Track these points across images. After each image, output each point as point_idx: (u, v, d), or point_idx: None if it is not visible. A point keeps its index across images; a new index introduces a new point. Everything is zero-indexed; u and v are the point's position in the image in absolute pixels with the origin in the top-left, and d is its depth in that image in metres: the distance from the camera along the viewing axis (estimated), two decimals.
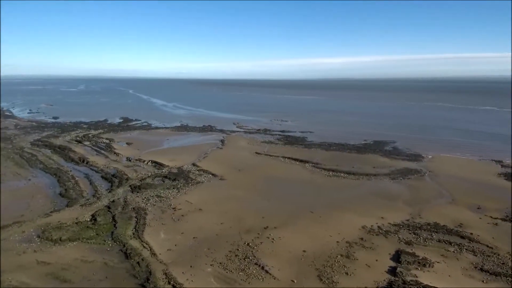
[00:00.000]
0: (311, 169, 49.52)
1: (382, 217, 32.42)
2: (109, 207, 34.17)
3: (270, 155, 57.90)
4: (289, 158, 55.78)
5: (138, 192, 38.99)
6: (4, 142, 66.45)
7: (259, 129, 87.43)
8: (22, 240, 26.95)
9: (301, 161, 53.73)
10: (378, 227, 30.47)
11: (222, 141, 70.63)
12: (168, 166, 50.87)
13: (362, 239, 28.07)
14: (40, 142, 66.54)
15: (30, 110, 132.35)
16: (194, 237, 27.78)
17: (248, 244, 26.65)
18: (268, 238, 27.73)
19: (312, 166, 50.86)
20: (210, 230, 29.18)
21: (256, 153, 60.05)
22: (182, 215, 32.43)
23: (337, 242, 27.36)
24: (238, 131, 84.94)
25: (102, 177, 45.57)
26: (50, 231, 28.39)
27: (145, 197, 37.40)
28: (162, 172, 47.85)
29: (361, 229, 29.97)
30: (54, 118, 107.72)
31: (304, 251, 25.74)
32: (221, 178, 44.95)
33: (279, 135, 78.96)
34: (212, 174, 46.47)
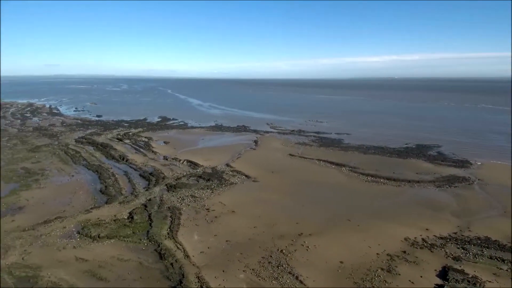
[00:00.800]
0: (348, 173, 47.53)
1: (426, 229, 30.12)
2: (145, 206, 34.89)
3: (304, 157, 56.53)
4: (324, 161, 54.06)
5: (173, 191, 39.54)
6: (50, 139, 70.88)
7: (293, 130, 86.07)
8: (63, 236, 28.10)
9: (337, 164, 51.81)
10: (423, 239, 28.30)
11: (256, 142, 70.24)
12: (202, 166, 51.31)
13: (404, 252, 26.16)
14: (84, 140, 70.17)
15: (76, 108, 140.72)
16: (227, 240, 27.43)
17: (281, 251, 25.79)
18: (303, 245, 26.67)
19: (349, 170, 48.80)
20: (243, 234, 28.69)
21: (290, 154, 58.93)
22: (216, 217, 32.27)
23: (377, 254, 25.69)
24: (271, 132, 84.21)
25: (140, 175, 46.89)
26: (90, 227, 29.40)
27: (180, 197, 37.81)
28: (197, 171, 48.31)
29: (404, 241, 27.99)
30: (98, 116, 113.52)
31: (341, 262, 24.42)
32: (254, 180, 44.44)
33: (314, 136, 77.13)
34: (245, 176, 46.11)
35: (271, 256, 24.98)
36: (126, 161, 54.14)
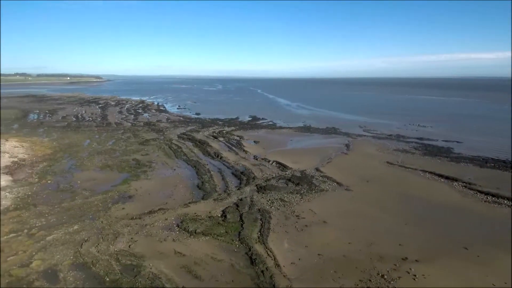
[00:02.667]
0: (461, 190, 40.68)
1: None
2: (237, 205, 35.50)
3: (405, 167, 50.77)
4: (430, 172, 47.59)
5: (263, 193, 39.49)
6: (157, 134, 79.00)
7: (390, 135, 78.80)
8: (164, 227, 30.19)
9: (447, 178, 44.94)
10: None
11: (347, 146, 66.35)
12: (291, 168, 50.44)
13: None
14: (185, 136, 76.31)
15: (179, 106, 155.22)
16: (319, 254, 25.77)
17: (382, 276, 22.93)
18: (408, 273, 23.28)
19: (462, 186, 41.76)
20: (336, 249, 26.62)
21: (388, 162, 53.70)
22: (306, 225, 30.85)
23: None
24: (365, 136, 78.65)
25: (232, 173, 48.41)
26: (187, 222, 31.08)
27: (269, 199, 37.51)
28: (285, 174, 47.66)
29: None
30: (197, 114, 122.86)
31: None
32: (347, 189, 41.52)
33: (415, 143, 69.11)
34: (337, 183, 43.48)
35: (370, 280, 22.40)
36: (220, 158, 56.70)
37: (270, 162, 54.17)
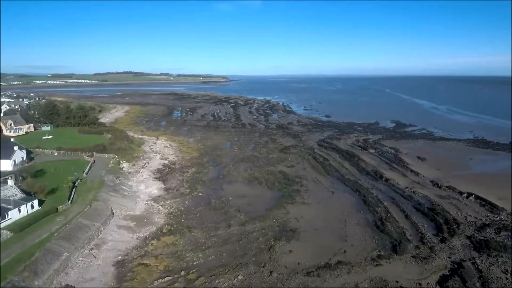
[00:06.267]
0: None
1: None
2: (460, 276, 22.96)
3: None
4: None
5: (488, 255, 25.83)
6: (294, 139, 71.37)
7: None
8: None
9: None
10: None
11: None
12: (504, 209, 34.54)
13: None
14: (325, 143, 66.36)
15: (304, 107, 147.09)
16: None
17: None
18: None
19: None
20: None
21: None
22: None
23: None
24: None
25: (415, 207, 35.65)
26: None
27: (504, 269, 23.69)
28: (501, 219, 32.50)
29: None
30: (327, 116, 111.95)
31: None
32: None
33: None
34: None
35: None
36: (386, 180, 44.17)
37: (464, 195, 38.84)
